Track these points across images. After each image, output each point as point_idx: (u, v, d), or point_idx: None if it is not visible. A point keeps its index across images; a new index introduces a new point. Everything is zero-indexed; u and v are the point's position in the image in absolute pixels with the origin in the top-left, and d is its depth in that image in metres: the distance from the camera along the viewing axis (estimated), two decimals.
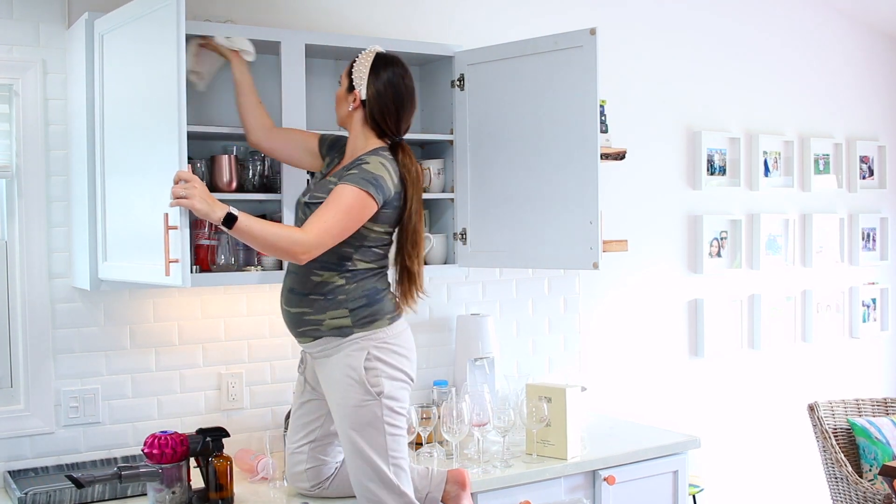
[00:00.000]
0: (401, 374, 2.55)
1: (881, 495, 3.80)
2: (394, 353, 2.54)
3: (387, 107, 2.61)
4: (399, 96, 2.62)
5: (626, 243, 3.76)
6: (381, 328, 2.55)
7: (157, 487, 2.49)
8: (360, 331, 2.53)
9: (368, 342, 2.52)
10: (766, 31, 4.50)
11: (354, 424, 2.48)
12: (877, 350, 4.96)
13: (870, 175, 4.93)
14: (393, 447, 2.50)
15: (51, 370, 2.82)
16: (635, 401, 4.00)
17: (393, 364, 2.53)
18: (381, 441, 2.48)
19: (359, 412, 2.48)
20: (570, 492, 3.00)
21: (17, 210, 2.79)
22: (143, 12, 2.43)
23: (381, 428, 2.48)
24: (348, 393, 2.49)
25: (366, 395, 2.48)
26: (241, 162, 2.94)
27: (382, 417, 2.48)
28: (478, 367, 3.35)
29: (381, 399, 2.48)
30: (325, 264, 2.53)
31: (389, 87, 2.61)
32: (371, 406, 2.47)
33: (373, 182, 2.49)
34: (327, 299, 2.54)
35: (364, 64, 2.62)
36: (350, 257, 2.54)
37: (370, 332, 2.53)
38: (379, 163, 2.53)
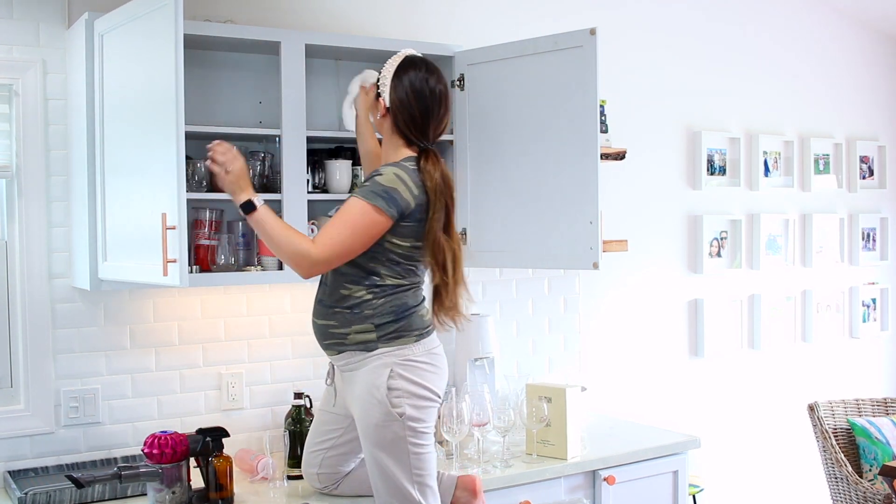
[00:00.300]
0: (426, 391, 2.46)
1: (881, 495, 3.80)
2: (420, 369, 2.46)
3: (411, 113, 2.50)
4: (423, 101, 2.50)
5: (626, 243, 3.76)
6: (408, 345, 2.47)
7: (157, 487, 2.49)
8: (384, 346, 2.45)
9: (392, 358, 2.44)
10: (766, 31, 4.50)
11: (377, 442, 2.44)
12: (877, 350, 4.96)
13: (870, 175, 4.93)
14: (417, 465, 2.45)
15: (51, 370, 2.82)
16: (635, 401, 4.00)
17: (417, 381, 2.45)
18: (404, 460, 2.43)
19: (381, 431, 2.43)
20: (570, 492, 3.00)
21: (17, 210, 2.79)
22: (142, 12, 2.43)
23: (405, 448, 2.43)
24: (370, 411, 2.43)
25: (387, 415, 2.41)
26: None
27: (406, 438, 2.42)
28: (478, 367, 3.35)
29: (404, 420, 2.41)
30: (352, 278, 2.47)
31: (412, 91, 2.49)
32: (393, 427, 2.41)
33: (382, 195, 2.40)
34: (353, 313, 2.47)
35: (389, 69, 2.53)
36: (377, 272, 2.47)
37: (395, 348, 2.46)
38: (394, 174, 2.43)
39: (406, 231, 2.46)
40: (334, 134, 3.04)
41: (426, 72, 2.53)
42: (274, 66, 2.92)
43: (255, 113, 3.08)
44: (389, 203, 2.40)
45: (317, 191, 3.05)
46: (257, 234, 2.47)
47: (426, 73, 2.53)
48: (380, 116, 2.56)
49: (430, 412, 2.48)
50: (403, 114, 2.51)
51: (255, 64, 3.07)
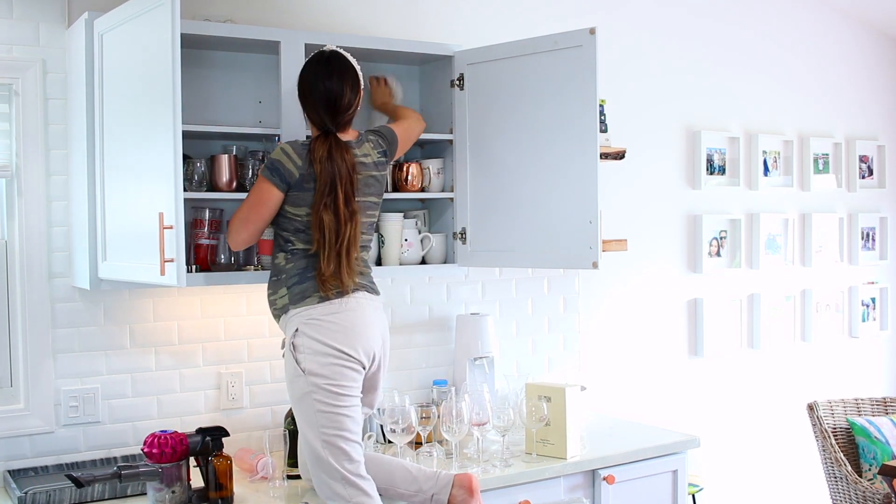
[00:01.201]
0: (328, 348, 2.55)
1: (881, 495, 3.80)
2: (322, 327, 2.57)
3: (303, 99, 2.71)
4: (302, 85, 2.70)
5: (625, 243, 3.76)
6: (312, 305, 2.60)
7: (157, 487, 2.50)
8: (293, 307, 2.62)
9: (298, 318, 2.59)
10: (765, 31, 4.50)
11: (291, 397, 2.60)
12: (876, 350, 4.96)
13: (869, 175, 4.93)
14: (323, 423, 2.52)
15: (51, 370, 2.82)
16: (635, 400, 4.00)
17: (319, 339, 2.56)
18: (311, 417, 2.53)
19: (292, 387, 2.58)
20: (570, 491, 3.00)
21: (17, 210, 2.79)
22: (140, 11, 2.43)
23: (311, 404, 2.53)
24: (286, 368, 2.61)
25: (294, 371, 2.56)
26: (241, 161, 2.94)
27: (311, 394, 2.53)
28: (477, 367, 3.35)
29: (307, 376, 2.53)
30: (276, 247, 2.71)
31: (301, 82, 2.71)
32: (299, 382, 2.55)
33: (269, 167, 2.62)
34: (275, 279, 2.68)
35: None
36: (289, 239, 2.67)
37: (301, 308, 2.60)
38: (280, 149, 2.64)
39: (298, 200, 2.64)
40: None
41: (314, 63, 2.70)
42: (274, 65, 2.92)
43: (255, 113, 3.08)
44: (273, 173, 2.62)
45: None
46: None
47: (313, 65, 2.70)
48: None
49: (338, 370, 2.55)
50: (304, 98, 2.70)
51: (254, 64, 3.07)
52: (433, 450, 2.99)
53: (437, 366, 3.46)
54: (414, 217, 3.25)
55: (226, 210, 3.00)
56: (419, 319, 3.41)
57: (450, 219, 3.25)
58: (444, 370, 3.47)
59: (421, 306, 3.43)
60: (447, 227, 3.27)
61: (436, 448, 3.00)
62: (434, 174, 3.22)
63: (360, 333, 2.61)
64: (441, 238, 3.24)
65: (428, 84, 3.35)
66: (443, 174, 3.24)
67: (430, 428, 3.01)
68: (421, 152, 3.37)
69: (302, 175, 2.62)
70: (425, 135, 3.22)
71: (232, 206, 3.01)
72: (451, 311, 3.51)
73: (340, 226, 2.63)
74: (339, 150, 2.65)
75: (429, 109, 3.34)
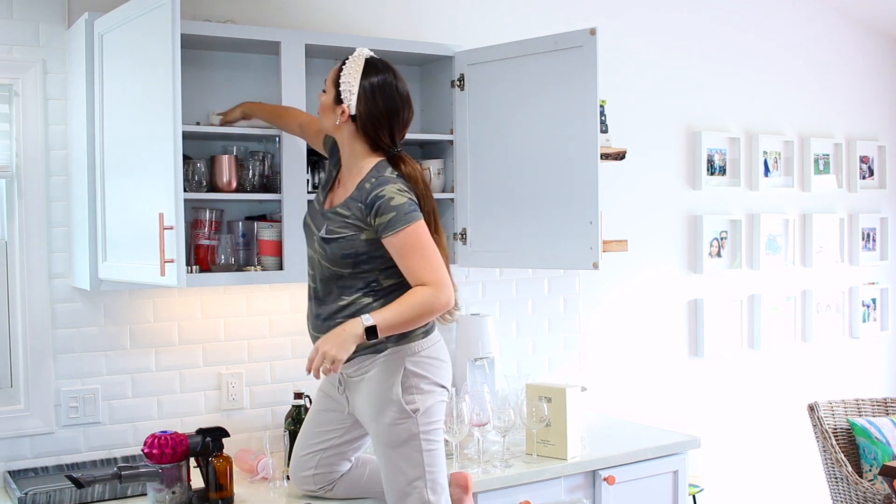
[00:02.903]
0: (437, 387, 2.50)
1: (881, 495, 3.80)
2: (429, 364, 2.50)
3: (380, 121, 2.46)
4: (393, 109, 2.47)
5: (626, 243, 3.76)
6: (415, 341, 2.49)
7: (157, 487, 2.49)
8: (393, 346, 2.47)
9: (402, 356, 2.47)
10: (765, 31, 4.50)
11: (391, 442, 2.46)
12: (877, 350, 4.96)
13: (870, 175, 4.93)
14: (430, 463, 2.47)
15: (51, 370, 2.82)
16: (635, 401, 4.00)
17: (428, 377, 2.48)
18: (417, 458, 2.45)
19: (395, 430, 2.45)
20: (570, 492, 3.00)
21: (17, 210, 2.79)
22: (140, 12, 2.43)
23: (418, 446, 2.45)
24: (384, 411, 2.46)
25: (401, 413, 2.44)
26: (241, 162, 2.94)
27: (418, 435, 2.45)
28: (478, 367, 3.35)
29: (417, 417, 2.44)
30: (349, 289, 2.49)
31: (382, 99, 2.45)
32: (407, 424, 2.44)
33: (411, 210, 2.41)
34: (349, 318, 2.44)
35: (353, 73, 2.46)
36: (374, 278, 2.48)
37: (404, 345, 2.48)
38: (397, 191, 2.41)
39: None
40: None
41: (394, 76, 2.49)
42: (274, 66, 2.92)
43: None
44: (417, 209, 2.44)
45: (317, 191, 3.04)
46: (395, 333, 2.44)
47: (394, 79, 2.49)
48: (339, 122, 2.49)
49: (441, 407, 2.52)
50: (372, 123, 2.46)
51: (254, 64, 3.07)
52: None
53: None
54: None
55: (226, 210, 3.00)
56: None
57: (450, 219, 3.25)
58: None
59: None
60: (447, 227, 3.27)
61: None
62: (434, 174, 3.22)
63: (451, 368, 2.59)
64: None
65: (428, 84, 3.35)
66: (443, 174, 3.24)
67: None
68: (421, 153, 3.37)
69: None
70: (426, 135, 3.23)
71: (232, 206, 3.01)
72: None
73: (446, 249, 2.54)
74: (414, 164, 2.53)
75: (429, 110, 3.34)
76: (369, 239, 2.44)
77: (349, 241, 2.45)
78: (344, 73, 2.48)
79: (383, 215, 2.40)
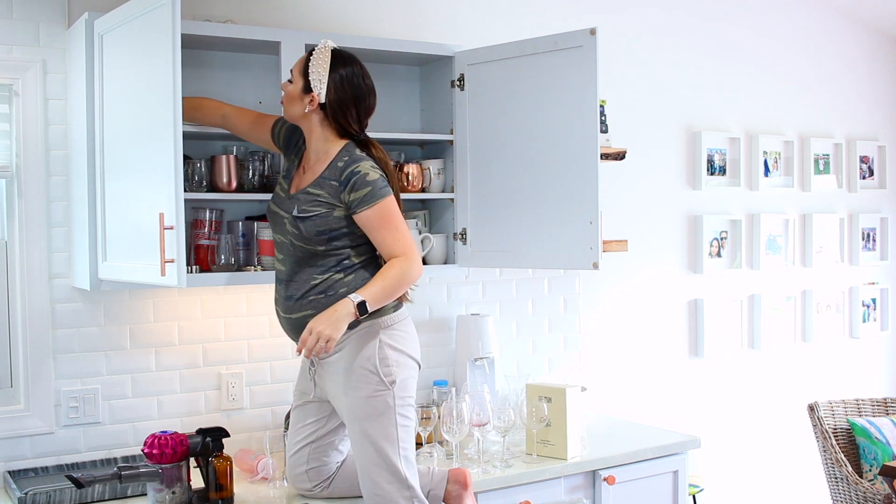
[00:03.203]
0: (410, 360, 2.57)
1: (881, 495, 3.80)
2: (402, 337, 2.56)
3: (348, 109, 2.57)
4: (361, 98, 2.58)
5: (626, 243, 3.76)
6: (388, 314, 2.56)
7: (157, 487, 2.49)
8: (367, 319, 2.52)
9: (377, 329, 2.53)
10: (765, 31, 4.50)
11: (366, 415, 2.49)
12: (877, 350, 4.96)
13: (870, 175, 4.93)
14: (403, 437, 2.51)
15: (51, 370, 2.82)
16: (635, 401, 4.00)
17: (402, 350, 2.55)
18: (392, 432, 2.49)
19: (371, 402, 2.49)
20: (570, 492, 3.00)
21: (17, 210, 2.79)
22: (140, 12, 2.43)
23: (393, 418, 2.49)
24: (360, 384, 2.50)
25: (379, 384, 2.49)
26: (241, 162, 2.94)
27: (395, 407, 2.49)
28: (478, 367, 3.35)
29: (394, 389, 2.49)
30: (321, 268, 2.55)
31: (350, 88, 2.56)
32: (384, 396, 2.49)
33: (385, 185, 2.53)
34: (328, 296, 2.52)
35: (321, 64, 2.55)
36: (347, 255, 2.56)
37: (377, 318, 2.53)
38: (371, 167, 2.53)
39: None
40: None
41: (361, 68, 2.60)
42: (274, 66, 2.92)
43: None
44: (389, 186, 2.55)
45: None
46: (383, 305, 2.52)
47: (361, 70, 2.60)
48: (308, 110, 2.57)
49: (413, 382, 2.58)
50: (342, 110, 2.56)
51: (254, 64, 3.07)
52: (434, 450, 3.00)
53: (437, 366, 3.46)
54: (414, 217, 3.25)
55: (226, 210, 3.00)
56: (419, 320, 3.40)
57: (450, 219, 3.25)
58: (444, 371, 3.47)
59: (421, 307, 3.43)
60: (447, 227, 3.27)
61: (436, 449, 3.00)
62: (434, 175, 3.22)
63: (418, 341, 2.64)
64: (441, 238, 3.23)
65: (428, 84, 3.34)
66: (443, 175, 3.24)
67: (430, 429, 3.01)
68: (421, 153, 3.37)
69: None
70: (426, 135, 3.22)
71: (232, 206, 3.01)
72: (452, 311, 3.51)
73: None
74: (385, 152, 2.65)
75: (429, 110, 3.34)
76: (341, 216, 2.53)
77: (322, 217, 2.52)
78: (312, 63, 2.56)
79: (359, 190, 2.50)
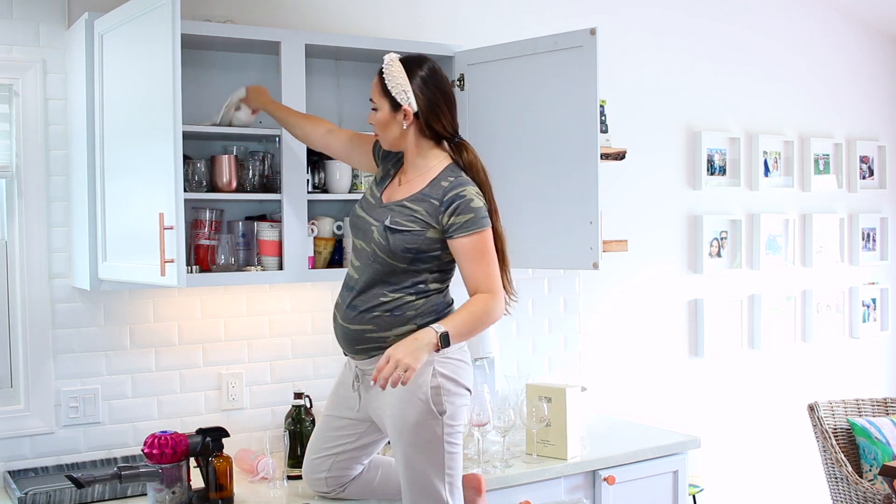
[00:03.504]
0: (463, 389, 2.50)
1: (881, 495, 3.80)
2: (456, 366, 2.49)
3: (440, 108, 2.50)
4: (447, 92, 2.52)
5: (626, 243, 3.76)
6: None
7: (157, 487, 2.49)
8: None
9: (432, 357, 2.43)
10: (765, 31, 4.50)
11: (412, 441, 2.43)
12: (877, 350, 4.96)
13: (870, 175, 4.93)
14: (450, 465, 2.45)
15: (51, 370, 2.82)
16: (635, 401, 4.00)
17: (456, 380, 2.47)
18: (438, 460, 2.44)
19: (418, 430, 2.42)
20: (570, 492, 3.00)
21: (17, 210, 2.79)
22: (140, 12, 2.43)
23: (440, 447, 2.43)
24: (409, 410, 2.43)
25: (428, 413, 2.42)
26: (241, 162, 2.94)
27: (442, 437, 2.43)
28: (478, 367, 3.35)
29: (443, 418, 2.43)
30: (396, 287, 2.48)
31: (435, 85, 2.49)
32: (432, 425, 2.42)
33: (486, 216, 2.47)
34: (394, 315, 2.47)
35: (398, 75, 2.47)
36: (425, 280, 2.50)
37: None
38: (476, 194, 2.46)
39: None
40: None
41: (433, 63, 2.53)
42: (274, 66, 2.92)
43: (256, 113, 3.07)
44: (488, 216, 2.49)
45: (317, 191, 3.05)
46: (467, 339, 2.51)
47: (434, 64, 2.52)
48: (406, 126, 2.49)
49: (464, 410, 2.52)
50: (434, 113, 2.49)
51: (255, 64, 3.07)
52: None
53: None
54: None
55: (226, 210, 3.00)
56: None
57: None
58: None
59: None
60: None
61: None
62: None
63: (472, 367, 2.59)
64: None
65: None
66: None
67: None
68: None
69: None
70: None
71: (232, 206, 3.01)
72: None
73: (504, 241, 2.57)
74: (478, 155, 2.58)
75: None
76: (434, 237, 2.46)
77: (414, 235, 2.45)
78: (388, 79, 2.48)
79: (461, 215, 2.43)
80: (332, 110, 3.21)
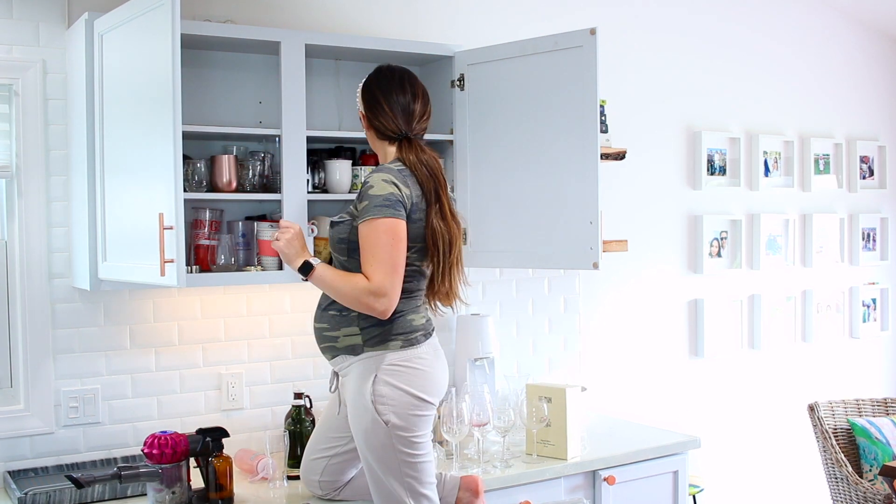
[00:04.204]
0: (412, 398, 2.42)
1: (881, 495, 3.79)
2: (406, 374, 2.43)
3: (379, 108, 2.53)
4: (388, 92, 2.53)
5: (626, 243, 3.76)
6: (393, 350, 2.44)
7: (157, 487, 2.49)
8: (369, 350, 2.45)
9: (377, 363, 2.43)
10: (766, 31, 4.50)
11: (368, 446, 2.44)
12: (877, 350, 4.96)
13: (870, 175, 4.93)
14: (409, 472, 2.43)
15: (51, 370, 2.82)
16: (635, 401, 4.00)
17: (402, 388, 2.41)
18: (394, 466, 2.42)
19: (369, 437, 2.42)
20: (570, 492, 3.00)
21: (17, 210, 2.79)
22: (140, 12, 2.43)
23: (393, 455, 2.42)
24: (359, 416, 2.44)
25: (374, 422, 2.40)
26: (241, 162, 2.94)
27: (394, 445, 2.40)
28: (478, 367, 3.35)
29: (390, 429, 2.40)
30: None
31: (376, 87, 2.55)
32: (379, 434, 2.40)
33: (385, 205, 2.38)
34: (342, 315, 2.48)
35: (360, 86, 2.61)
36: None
37: (379, 352, 2.44)
38: (382, 181, 2.41)
39: (411, 232, 2.45)
40: (334, 134, 3.04)
41: (387, 70, 2.60)
42: (274, 66, 2.92)
43: (255, 113, 3.08)
44: (395, 206, 2.40)
45: (317, 191, 3.05)
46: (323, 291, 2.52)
47: (387, 71, 2.59)
48: (365, 130, 2.61)
49: (421, 420, 2.44)
50: (374, 110, 2.54)
51: (254, 64, 3.07)
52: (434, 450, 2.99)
53: None
54: None
55: (226, 210, 3.00)
56: None
57: None
58: None
59: None
60: None
61: (436, 449, 3.00)
62: None
63: (441, 379, 2.51)
64: None
65: (428, 84, 3.30)
66: None
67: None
68: None
69: (414, 203, 2.45)
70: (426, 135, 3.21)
71: (232, 206, 3.01)
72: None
73: (453, 236, 2.50)
74: (427, 155, 2.52)
75: None
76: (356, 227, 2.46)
77: (345, 225, 2.50)
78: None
79: (361, 202, 2.44)
80: (332, 110, 3.21)
